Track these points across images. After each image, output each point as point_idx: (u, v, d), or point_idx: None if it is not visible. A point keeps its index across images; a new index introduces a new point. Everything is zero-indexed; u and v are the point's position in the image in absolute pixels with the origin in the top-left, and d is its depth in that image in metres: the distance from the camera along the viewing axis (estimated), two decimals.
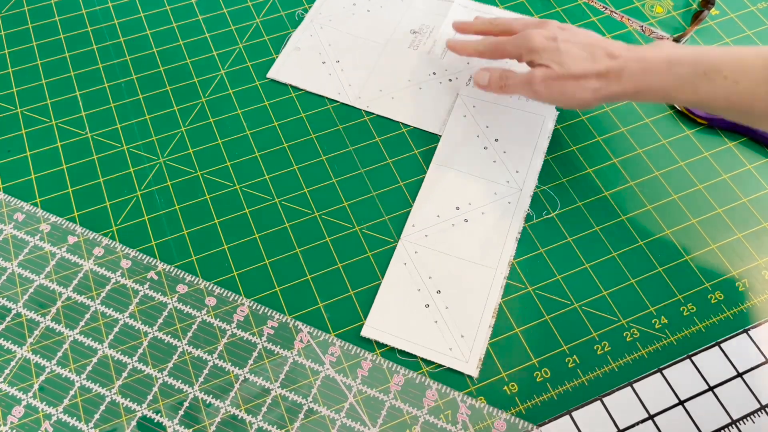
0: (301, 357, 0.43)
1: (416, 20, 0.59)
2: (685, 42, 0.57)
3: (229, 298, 0.45)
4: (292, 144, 0.53)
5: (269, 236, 0.48)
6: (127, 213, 0.49)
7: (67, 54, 0.58)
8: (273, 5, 0.61)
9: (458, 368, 0.43)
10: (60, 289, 0.46)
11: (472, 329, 0.44)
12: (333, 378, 0.42)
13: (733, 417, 0.41)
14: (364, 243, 0.48)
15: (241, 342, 0.44)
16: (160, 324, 0.44)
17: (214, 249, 0.48)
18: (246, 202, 0.50)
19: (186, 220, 0.49)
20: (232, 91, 0.56)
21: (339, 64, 0.57)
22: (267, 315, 0.45)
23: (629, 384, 0.42)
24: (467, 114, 0.53)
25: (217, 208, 0.50)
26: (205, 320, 0.44)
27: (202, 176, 0.51)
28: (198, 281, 0.46)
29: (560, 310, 0.45)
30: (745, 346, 0.43)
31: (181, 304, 0.45)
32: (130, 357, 0.43)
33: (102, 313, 0.45)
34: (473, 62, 0.56)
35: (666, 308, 0.45)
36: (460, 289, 0.45)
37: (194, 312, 0.45)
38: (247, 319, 0.45)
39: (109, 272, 0.46)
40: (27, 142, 0.53)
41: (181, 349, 0.43)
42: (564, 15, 0.59)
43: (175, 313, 0.45)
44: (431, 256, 0.47)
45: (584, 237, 0.48)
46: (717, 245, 0.47)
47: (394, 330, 0.44)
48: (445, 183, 0.50)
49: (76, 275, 0.46)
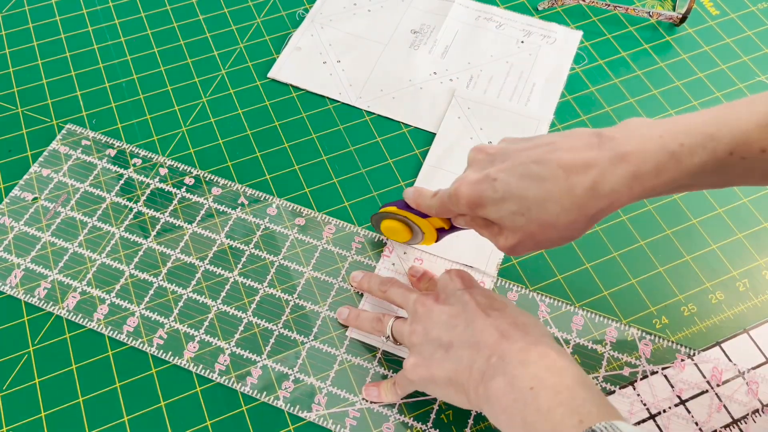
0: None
1: (416, 20, 0.59)
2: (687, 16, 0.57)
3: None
4: (293, 144, 0.53)
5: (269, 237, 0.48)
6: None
7: (68, 53, 0.58)
8: (274, 5, 0.61)
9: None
10: (73, 282, 0.46)
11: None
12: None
13: (733, 417, 0.41)
14: (364, 243, 0.48)
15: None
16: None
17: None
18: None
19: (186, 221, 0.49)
20: (232, 90, 0.56)
21: (340, 63, 0.57)
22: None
23: (630, 383, 0.42)
24: (462, 116, 0.53)
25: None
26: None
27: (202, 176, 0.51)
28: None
29: (560, 310, 0.45)
30: (745, 346, 0.43)
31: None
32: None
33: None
34: (474, 62, 0.56)
35: (666, 308, 0.45)
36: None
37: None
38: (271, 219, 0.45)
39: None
40: (27, 142, 0.53)
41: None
42: (564, 15, 0.59)
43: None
44: (420, 257, 0.47)
45: (584, 237, 0.48)
46: (717, 245, 0.47)
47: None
48: (438, 184, 0.50)
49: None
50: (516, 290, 0.45)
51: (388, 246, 0.47)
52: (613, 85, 0.55)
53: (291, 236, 0.47)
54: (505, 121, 0.53)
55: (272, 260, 0.47)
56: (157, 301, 0.45)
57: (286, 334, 0.44)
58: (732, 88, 0.55)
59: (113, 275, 0.46)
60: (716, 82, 0.55)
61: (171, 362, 0.43)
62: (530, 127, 0.52)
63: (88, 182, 0.50)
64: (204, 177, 0.50)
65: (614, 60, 0.57)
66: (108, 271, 0.46)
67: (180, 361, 0.43)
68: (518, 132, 0.52)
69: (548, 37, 0.58)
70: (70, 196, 0.49)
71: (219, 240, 0.47)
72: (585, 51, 0.57)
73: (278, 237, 0.48)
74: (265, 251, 0.47)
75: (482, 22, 0.59)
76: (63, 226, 0.48)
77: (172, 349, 0.43)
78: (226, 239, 0.48)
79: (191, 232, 0.48)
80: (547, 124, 0.53)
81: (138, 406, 0.42)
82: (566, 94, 0.55)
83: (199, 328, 0.44)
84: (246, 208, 0.49)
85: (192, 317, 0.44)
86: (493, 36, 0.58)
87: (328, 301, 0.45)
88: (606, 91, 0.55)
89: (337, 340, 0.44)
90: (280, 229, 0.48)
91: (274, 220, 0.48)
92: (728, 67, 0.56)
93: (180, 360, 0.43)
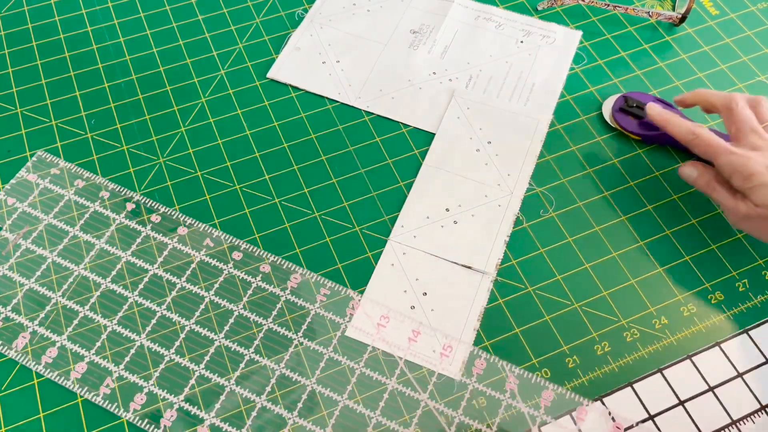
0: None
1: (416, 20, 0.59)
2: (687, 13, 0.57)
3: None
4: (292, 144, 0.53)
5: (269, 236, 0.48)
6: None
7: (66, 54, 0.58)
8: (273, 5, 0.61)
9: (442, 371, 0.42)
10: (52, 295, 0.46)
11: (457, 332, 0.44)
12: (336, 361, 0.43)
13: (733, 417, 0.41)
14: (363, 243, 0.48)
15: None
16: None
17: None
18: (246, 202, 0.50)
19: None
20: (232, 91, 0.56)
21: (339, 64, 0.57)
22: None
23: (629, 384, 0.42)
24: (461, 115, 0.53)
25: (217, 208, 0.50)
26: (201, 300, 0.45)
27: (202, 176, 0.51)
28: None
29: (560, 310, 0.45)
30: (745, 346, 0.43)
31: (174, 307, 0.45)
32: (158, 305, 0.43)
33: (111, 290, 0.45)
34: (474, 62, 0.56)
35: (666, 308, 0.45)
36: (446, 291, 0.45)
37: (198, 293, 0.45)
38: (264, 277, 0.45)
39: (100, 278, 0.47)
40: (27, 142, 0.53)
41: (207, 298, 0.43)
42: (564, 15, 0.59)
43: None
44: (419, 257, 0.47)
45: (584, 237, 0.48)
46: (717, 245, 0.47)
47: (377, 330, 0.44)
48: (436, 184, 0.50)
49: (66, 279, 0.46)
50: (484, 358, 0.43)
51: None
52: (613, 85, 0.55)
53: (283, 297, 0.45)
54: (504, 121, 0.53)
55: (261, 323, 0.44)
56: (115, 349, 0.43)
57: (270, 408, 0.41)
58: (732, 88, 0.55)
59: (70, 317, 0.44)
60: (716, 82, 0.55)
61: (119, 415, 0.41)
62: (530, 127, 0.52)
63: (52, 214, 0.48)
64: (172, 215, 0.48)
65: (614, 60, 0.57)
66: (67, 314, 0.44)
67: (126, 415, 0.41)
68: (517, 131, 0.52)
69: (548, 37, 0.58)
70: (33, 229, 0.47)
71: (206, 298, 0.45)
72: (584, 51, 0.57)
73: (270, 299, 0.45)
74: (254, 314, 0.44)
75: (482, 22, 0.59)
76: (22, 260, 0.46)
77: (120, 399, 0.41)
78: (215, 296, 0.45)
79: (154, 273, 0.46)
80: (546, 124, 0.53)
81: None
82: (566, 94, 0.55)
83: (179, 395, 0.42)
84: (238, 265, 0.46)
85: (170, 381, 0.42)
86: (493, 36, 0.58)
87: (316, 373, 0.43)
88: (606, 91, 0.55)
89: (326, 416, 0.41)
90: (272, 288, 0.45)
91: (267, 279, 0.46)
92: (728, 67, 0.56)
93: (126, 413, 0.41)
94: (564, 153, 0.52)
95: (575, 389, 0.42)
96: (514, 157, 0.51)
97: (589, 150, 0.52)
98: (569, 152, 0.52)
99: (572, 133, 0.53)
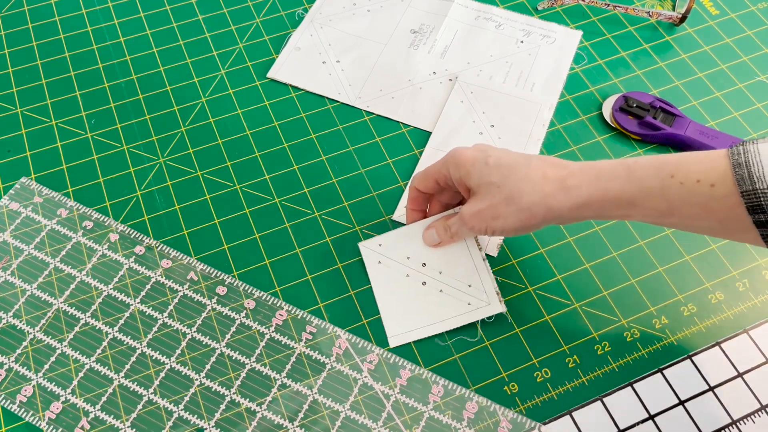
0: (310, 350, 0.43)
1: (416, 20, 0.59)
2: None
3: (232, 295, 0.45)
4: (292, 144, 0.53)
5: (269, 236, 0.48)
6: (127, 213, 0.49)
7: (67, 54, 0.58)
8: (273, 5, 0.61)
9: (485, 314, 0.43)
10: (52, 299, 0.46)
11: (475, 276, 0.44)
12: (339, 370, 0.42)
13: (733, 417, 0.41)
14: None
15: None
16: (168, 309, 0.44)
17: (214, 249, 0.48)
18: (246, 202, 0.50)
19: (186, 220, 0.49)
20: (232, 91, 0.56)
21: (339, 63, 0.57)
22: (275, 307, 0.45)
23: (629, 384, 0.42)
24: (464, 99, 0.53)
25: (217, 208, 0.50)
26: (210, 311, 0.44)
27: (202, 176, 0.51)
28: (199, 280, 0.46)
29: (560, 310, 0.45)
30: (745, 346, 0.43)
31: (187, 299, 0.45)
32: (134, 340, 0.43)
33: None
34: (474, 61, 0.56)
35: (666, 308, 0.45)
36: (443, 256, 0.45)
37: (201, 301, 0.45)
38: (248, 314, 0.45)
39: (102, 277, 0.46)
40: (27, 142, 0.53)
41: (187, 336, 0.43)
42: (564, 15, 0.59)
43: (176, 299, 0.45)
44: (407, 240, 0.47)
45: (584, 237, 0.48)
46: (717, 245, 0.47)
47: (413, 324, 0.44)
48: None
49: (68, 286, 0.46)
50: (409, 368, 0.42)
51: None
52: (613, 85, 0.55)
53: (298, 349, 0.43)
54: (507, 105, 0.53)
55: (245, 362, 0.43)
56: (97, 391, 0.42)
57: None
58: (732, 88, 0.55)
59: (47, 354, 0.43)
60: (716, 82, 0.55)
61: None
62: (532, 111, 0.53)
63: (33, 245, 0.47)
64: (156, 247, 0.47)
65: (614, 60, 0.57)
66: (44, 350, 0.43)
67: None
68: (520, 116, 0.53)
69: (548, 37, 0.58)
70: (12, 260, 0.46)
71: (188, 334, 0.44)
72: (585, 51, 0.57)
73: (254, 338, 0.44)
74: (238, 353, 0.43)
75: (482, 21, 0.59)
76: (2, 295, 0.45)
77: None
78: (196, 333, 0.44)
79: (136, 308, 0.44)
80: (549, 110, 0.53)
81: None
82: (566, 94, 0.55)
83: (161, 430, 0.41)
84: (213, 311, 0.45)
85: (147, 422, 0.41)
86: (493, 36, 0.58)
87: (299, 416, 0.41)
88: (606, 91, 0.55)
89: None
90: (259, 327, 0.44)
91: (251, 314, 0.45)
92: (728, 66, 0.56)
93: None
94: (564, 153, 0.52)
95: (575, 389, 0.42)
96: (516, 141, 0.51)
97: (589, 150, 0.52)
98: (569, 152, 0.52)
99: (572, 132, 0.53)
